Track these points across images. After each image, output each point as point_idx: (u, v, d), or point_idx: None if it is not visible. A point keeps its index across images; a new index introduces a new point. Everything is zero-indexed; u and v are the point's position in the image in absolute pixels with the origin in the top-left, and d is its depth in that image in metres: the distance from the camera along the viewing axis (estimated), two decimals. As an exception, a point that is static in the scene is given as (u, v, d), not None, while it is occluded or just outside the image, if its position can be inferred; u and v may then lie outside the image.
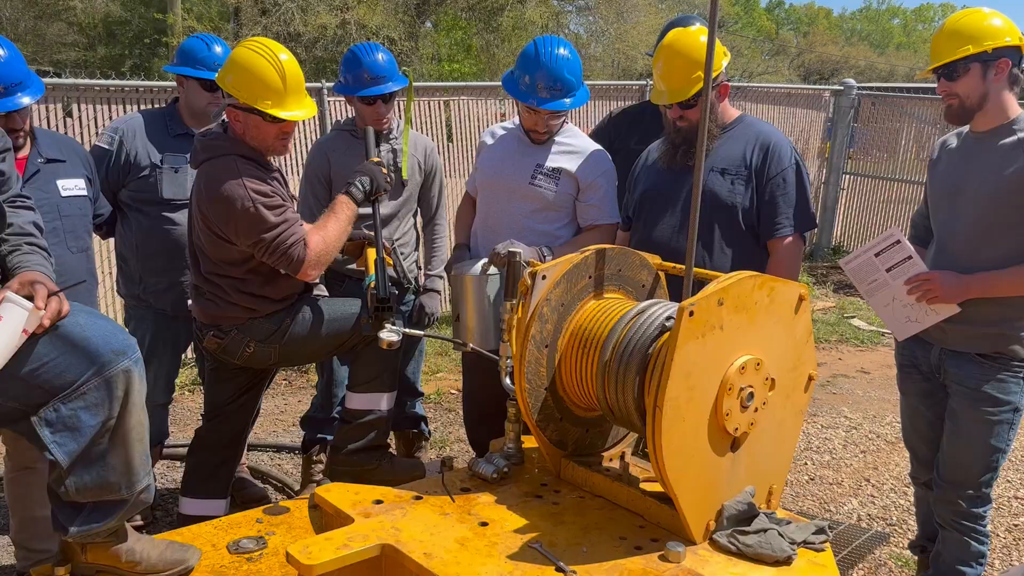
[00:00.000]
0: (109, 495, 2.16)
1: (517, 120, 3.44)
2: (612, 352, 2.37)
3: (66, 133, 5.24)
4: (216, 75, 2.94)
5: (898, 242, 2.94)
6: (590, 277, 2.56)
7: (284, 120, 2.81)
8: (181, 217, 3.41)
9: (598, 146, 3.44)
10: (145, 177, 3.51)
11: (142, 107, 5.61)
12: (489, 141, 3.53)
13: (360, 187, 2.96)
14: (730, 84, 3.23)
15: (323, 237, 2.83)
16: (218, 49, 3.56)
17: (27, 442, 2.17)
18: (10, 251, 2.22)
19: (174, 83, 3.96)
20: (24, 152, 2.99)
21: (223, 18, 19.79)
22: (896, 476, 4.71)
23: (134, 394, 2.13)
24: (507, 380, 2.64)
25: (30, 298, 2.03)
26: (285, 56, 2.81)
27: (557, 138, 3.37)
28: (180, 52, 3.61)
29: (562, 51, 3.21)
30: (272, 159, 2.98)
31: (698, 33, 3.08)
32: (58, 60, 22.02)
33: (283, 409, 5.54)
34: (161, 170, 3.51)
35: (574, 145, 3.37)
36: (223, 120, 2.91)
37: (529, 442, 2.74)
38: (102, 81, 5.76)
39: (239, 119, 2.83)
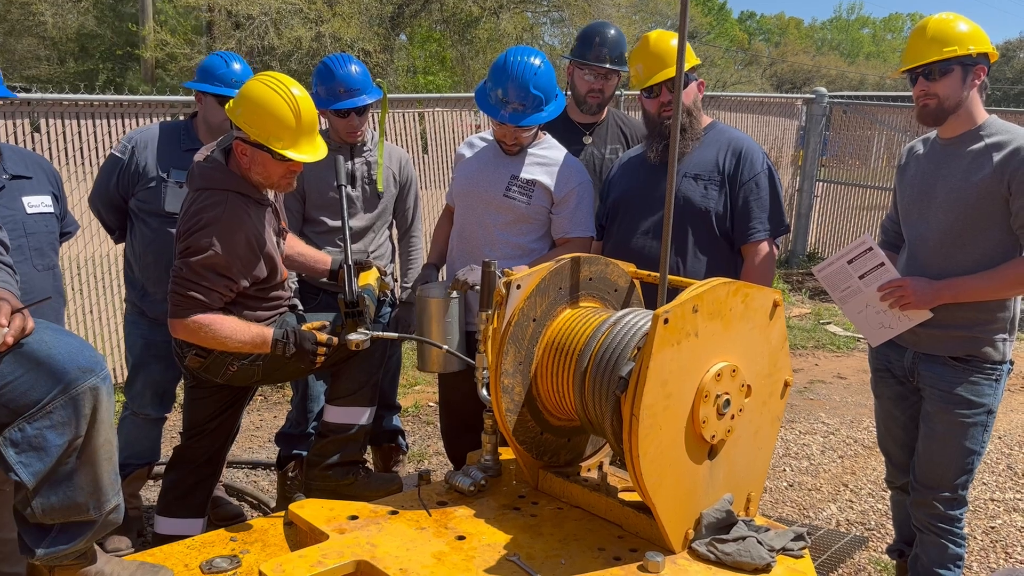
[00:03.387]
0: (77, 516, 2.11)
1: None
2: (589, 362, 2.36)
3: (34, 149, 5.17)
4: (228, 104, 2.88)
5: (870, 249, 2.96)
6: (565, 286, 2.55)
7: (294, 160, 2.73)
8: None
9: (574, 159, 3.43)
10: (151, 188, 3.52)
11: (111, 122, 5.56)
12: (466, 153, 3.51)
13: (283, 340, 2.78)
14: (704, 83, 3.30)
15: (216, 325, 2.70)
16: (236, 66, 3.61)
17: (-8, 464, 2.12)
18: (-27, 269, 2.18)
19: (146, 97, 3.94)
20: None
21: (196, 32, 19.69)
22: (874, 481, 4.73)
23: (102, 412, 2.08)
24: (483, 391, 2.62)
25: (-7, 316, 1.99)
26: (299, 92, 2.69)
27: (532, 150, 3.36)
28: (200, 69, 3.65)
29: (534, 61, 3.17)
30: (272, 194, 2.93)
31: (668, 35, 3.16)
32: (29, 76, 21.81)
33: (259, 425, 5.48)
34: (167, 183, 3.51)
35: (549, 157, 3.36)
36: (225, 148, 2.83)
37: (507, 454, 2.72)
38: (69, 96, 5.68)
39: (246, 153, 2.74)
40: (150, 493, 4.17)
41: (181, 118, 4.15)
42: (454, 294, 3.04)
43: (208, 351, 2.81)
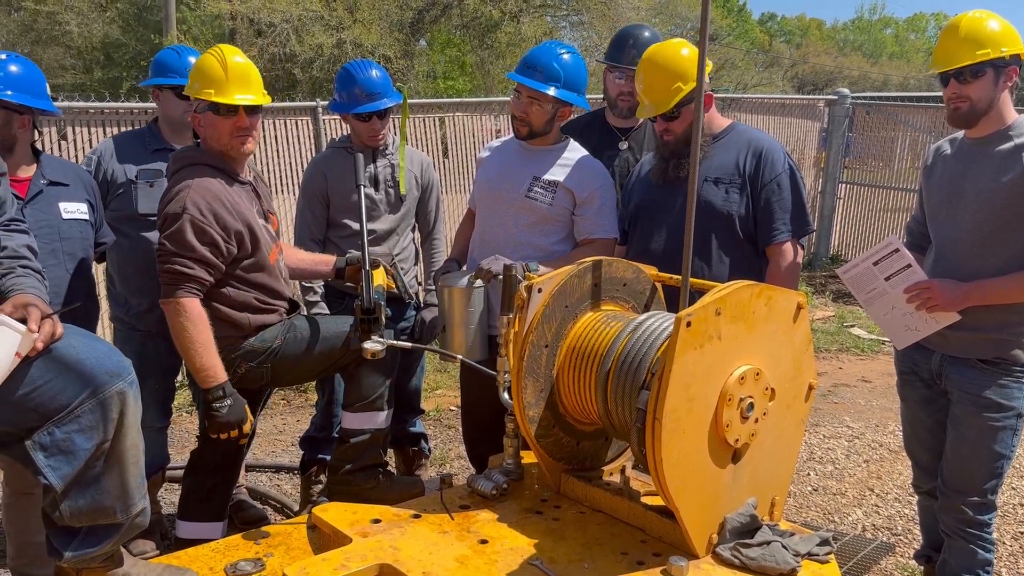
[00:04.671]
0: (104, 519, 2.14)
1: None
2: (612, 365, 2.36)
3: (60, 156, 5.24)
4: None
5: (897, 251, 2.93)
6: (586, 289, 2.55)
7: (233, 112, 2.82)
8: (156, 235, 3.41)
9: (597, 161, 3.43)
10: (122, 194, 3.51)
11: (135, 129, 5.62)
12: (485, 154, 3.53)
13: (219, 395, 2.73)
14: (714, 94, 3.23)
15: (194, 323, 2.72)
16: (191, 59, 3.55)
17: (23, 467, 2.15)
18: (3, 274, 2.21)
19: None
20: (29, 173, 2.99)
21: (219, 39, 19.88)
22: (900, 485, 4.68)
23: (129, 416, 2.11)
24: (505, 395, 2.62)
25: (23, 321, 2.01)
26: (233, 54, 2.89)
27: (555, 152, 3.35)
28: (153, 64, 3.65)
29: (562, 50, 3.25)
30: (248, 171, 2.99)
31: (677, 46, 3.09)
32: (55, 84, 22.10)
33: (282, 429, 5.51)
34: (136, 185, 3.50)
35: (573, 159, 3.36)
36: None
37: (528, 457, 2.71)
38: (95, 104, 5.76)
39: (199, 123, 2.90)
40: (173, 496, 4.21)
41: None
42: (477, 283, 3.04)
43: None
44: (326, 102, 5.04)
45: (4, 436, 2.08)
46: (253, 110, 2.88)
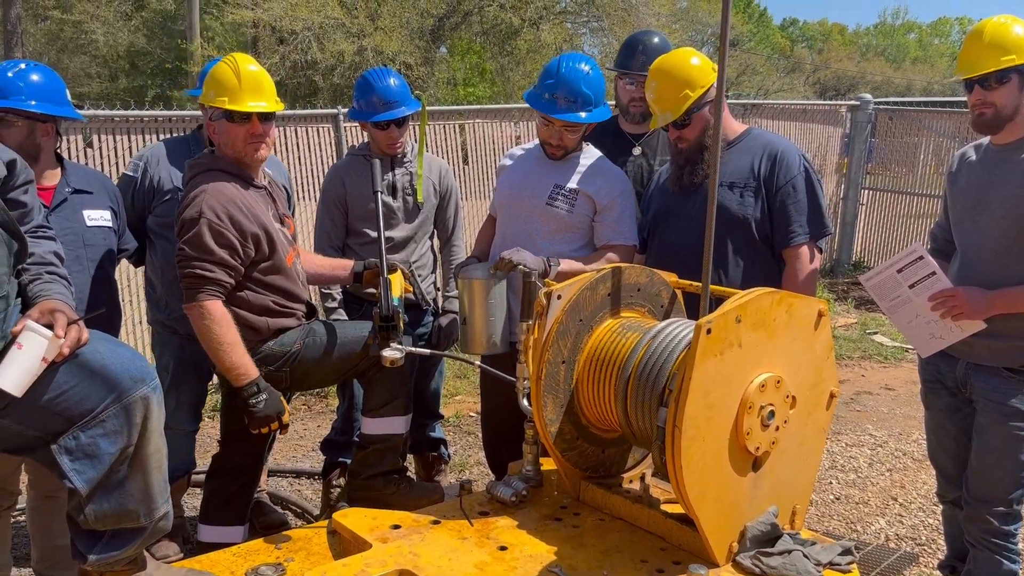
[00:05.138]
0: (128, 523, 2.16)
1: (536, 141, 3.44)
2: (633, 372, 2.35)
3: (87, 164, 5.31)
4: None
5: (921, 258, 2.90)
6: (606, 296, 2.55)
7: (247, 120, 2.85)
8: None
9: (617, 168, 3.44)
10: (167, 202, 3.55)
11: (162, 136, 5.68)
12: (507, 161, 3.53)
13: (255, 391, 2.77)
14: (727, 99, 3.23)
15: (219, 322, 2.75)
16: None
17: (48, 470, 2.18)
18: (31, 280, 2.24)
19: (193, 112, 4.01)
20: (54, 181, 3.04)
21: (242, 47, 20.07)
22: (924, 495, 4.62)
23: (152, 421, 2.13)
24: (524, 401, 2.62)
25: (50, 326, 2.05)
26: (247, 62, 2.93)
27: (575, 158, 3.36)
28: (202, 75, 3.67)
29: (583, 66, 3.22)
30: (263, 176, 3.02)
31: (685, 54, 3.12)
32: (81, 93, 22.41)
33: (303, 434, 5.54)
34: (182, 193, 3.55)
35: (592, 166, 3.36)
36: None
37: (548, 464, 2.71)
38: (120, 112, 5.84)
39: (214, 130, 2.94)
40: (196, 500, 4.24)
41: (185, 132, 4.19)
42: (497, 274, 3.06)
43: None
44: (347, 109, 5.09)
45: (31, 440, 2.11)
46: (266, 117, 2.92)
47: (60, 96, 3.02)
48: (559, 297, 2.46)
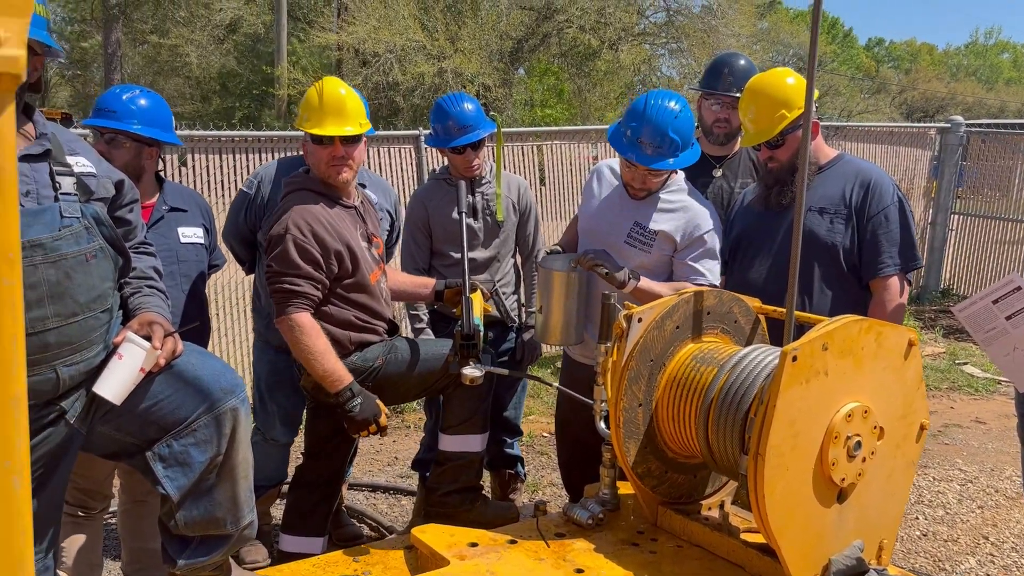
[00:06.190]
0: (215, 530, 2.23)
1: None
2: (714, 398, 2.32)
3: (181, 181, 5.53)
4: None
5: (1019, 288, 2.78)
6: (687, 319, 2.52)
7: (329, 143, 2.89)
8: None
9: (705, 204, 3.26)
10: None
11: (250, 156, 5.89)
12: (595, 185, 3.37)
13: (350, 395, 2.82)
14: (820, 122, 3.15)
15: (308, 333, 2.79)
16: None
17: (140, 476, 2.27)
18: (132, 293, 2.35)
19: (281, 132, 4.13)
20: (152, 199, 3.19)
21: (326, 70, 20.67)
22: (1018, 534, 4.41)
23: (240, 431, 2.21)
24: (602, 424, 2.61)
25: (148, 338, 2.14)
26: (336, 86, 2.96)
27: (661, 194, 3.20)
28: None
29: (672, 104, 3.02)
30: (355, 196, 3.07)
31: (782, 74, 3.07)
32: (176, 113, 23.38)
33: (379, 449, 5.62)
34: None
35: (678, 203, 3.20)
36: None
37: (625, 488, 2.69)
38: (213, 132, 6.07)
39: (306, 151, 3.03)
40: (276, 511, 4.34)
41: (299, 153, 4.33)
42: (578, 268, 3.05)
43: None
44: (428, 130, 5.20)
45: (128, 446, 2.21)
46: (351, 140, 2.92)
47: (166, 122, 3.17)
48: (639, 320, 2.45)
